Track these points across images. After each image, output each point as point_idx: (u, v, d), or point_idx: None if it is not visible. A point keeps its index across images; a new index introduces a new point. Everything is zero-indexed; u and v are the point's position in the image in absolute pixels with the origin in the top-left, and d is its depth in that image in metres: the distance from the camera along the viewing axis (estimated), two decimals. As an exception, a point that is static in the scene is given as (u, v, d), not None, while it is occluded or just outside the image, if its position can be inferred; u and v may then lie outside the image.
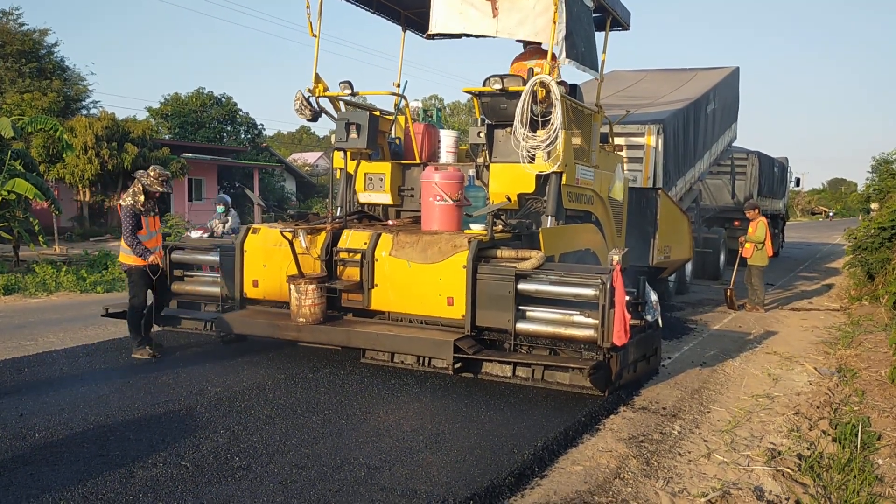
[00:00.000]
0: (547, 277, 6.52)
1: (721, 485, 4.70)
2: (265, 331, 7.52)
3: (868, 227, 13.53)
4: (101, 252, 17.00)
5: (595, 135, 9.14)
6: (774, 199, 23.12)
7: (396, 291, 7.16)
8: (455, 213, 7.74)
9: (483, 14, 8.21)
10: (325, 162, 59.55)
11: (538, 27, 7.92)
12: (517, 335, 6.65)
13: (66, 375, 6.67)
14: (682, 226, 12.37)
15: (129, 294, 7.56)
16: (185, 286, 8.53)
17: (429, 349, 6.76)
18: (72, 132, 24.48)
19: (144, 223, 7.43)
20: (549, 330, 6.53)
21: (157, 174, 7.44)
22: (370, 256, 7.24)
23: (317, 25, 8.70)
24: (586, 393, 6.43)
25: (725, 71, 16.77)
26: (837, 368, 8.07)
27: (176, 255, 8.49)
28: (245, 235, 7.93)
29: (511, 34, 8.24)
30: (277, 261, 7.69)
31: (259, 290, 7.85)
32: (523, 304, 6.62)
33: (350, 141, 8.44)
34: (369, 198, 9.02)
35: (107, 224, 27.28)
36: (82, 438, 4.98)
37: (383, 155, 9.20)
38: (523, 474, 4.63)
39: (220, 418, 5.45)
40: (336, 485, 4.30)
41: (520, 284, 6.55)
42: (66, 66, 33.61)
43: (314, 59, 8.87)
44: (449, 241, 7.01)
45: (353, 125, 8.41)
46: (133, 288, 7.53)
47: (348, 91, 8.61)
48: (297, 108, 8.72)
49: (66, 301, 11.96)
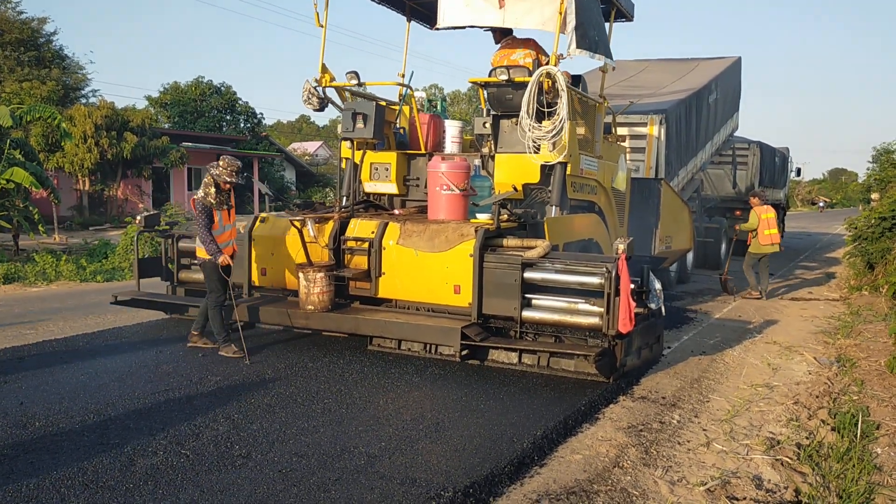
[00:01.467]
0: (553, 266, 6.61)
1: (720, 473, 4.71)
2: (274, 318, 7.63)
3: (868, 217, 13.51)
4: (101, 241, 16.99)
5: (599, 125, 9.20)
6: (775, 189, 23.07)
7: (403, 280, 7.24)
8: (461, 203, 7.81)
9: (490, 5, 8.22)
10: (325, 151, 59.51)
11: (546, 16, 7.92)
12: (523, 323, 6.73)
13: (67, 364, 6.68)
14: (683, 216, 12.42)
15: (207, 289, 7.25)
16: (192, 275, 8.61)
17: (436, 336, 6.85)
18: (71, 121, 24.43)
19: (217, 217, 7.08)
20: (555, 318, 6.62)
21: (227, 164, 7.04)
22: (378, 245, 7.33)
23: (323, 16, 8.76)
24: (591, 379, 6.49)
25: (727, 61, 16.75)
26: (837, 358, 8.07)
27: (183, 243, 8.59)
28: (253, 224, 8.04)
29: (518, 24, 8.26)
30: (285, 250, 7.81)
31: (267, 278, 7.98)
32: (529, 293, 6.71)
33: (356, 131, 8.46)
34: (375, 187, 9.05)
35: (106, 213, 27.27)
36: (82, 427, 4.99)
37: (389, 145, 9.23)
38: (523, 463, 4.64)
39: (220, 407, 5.46)
40: (336, 473, 4.30)
41: (526, 273, 6.63)
42: (65, 54, 33.52)
43: (321, 50, 8.90)
44: (456, 230, 7.09)
45: (360, 115, 8.42)
46: (209, 283, 7.19)
47: (355, 81, 8.68)
48: (304, 98, 8.80)
49: (66, 290, 11.97)
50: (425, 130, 9.15)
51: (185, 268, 8.70)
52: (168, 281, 8.83)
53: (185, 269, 8.70)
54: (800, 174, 32.23)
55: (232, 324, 7.71)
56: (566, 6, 7.57)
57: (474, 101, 66.35)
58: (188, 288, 8.79)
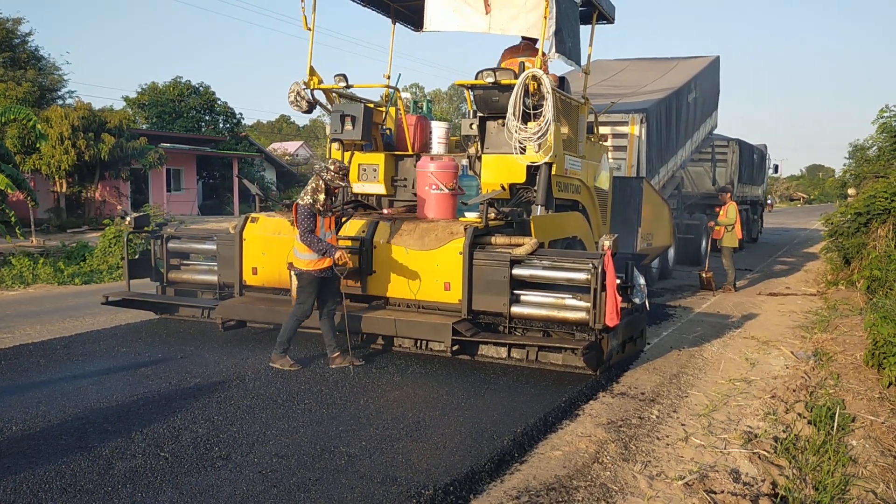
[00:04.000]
0: (541, 263, 6.80)
1: (698, 467, 4.75)
2: (266, 316, 7.79)
3: (845, 213, 13.68)
4: (79, 243, 16.79)
5: (582, 126, 9.39)
6: (754, 185, 23.32)
7: (394, 277, 7.36)
8: (450, 202, 7.97)
9: (476, 11, 8.39)
10: (306, 151, 59.24)
11: (530, 22, 8.14)
12: (512, 318, 6.90)
13: (44, 368, 6.61)
14: (663, 214, 12.65)
15: (297, 300, 6.83)
16: (181, 275, 8.75)
17: (428, 332, 6.99)
18: (47, 122, 24.13)
19: (319, 224, 6.68)
20: (543, 313, 6.81)
21: (338, 168, 6.74)
22: (369, 243, 7.45)
23: (311, 19, 8.87)
24: (578, 373, 6.65)
25: (706, 60, 16.96)
26: (814, 352, 8.17)
27: (172, 244, 8.69)
28: (244, 224, 8.15)
29: (503, 30, 8.43)
30: (276, 249, 7.91)
31: (258, 277, 8.10)
32: (518, 289, 6.90)
33: (345, 132, 8.62)
34: (363, 188, 9.18)
35: (84, 215, 26.98)
36: (60, 430, 4.94)
37: (376, 146, 9.34)
38: (503, 460, 4.66)
39: (200, 409, 5.43)
40: (316, 473, 4.30)
41: (514, 269, 6.82)
42: (41, 55, 33.03)
43: (309, 53, 9.00)
44: (445, 229, 7.22)
45: (348, 117, 8.58)
46: (301, 294, 6.77)
47: (343, 84, 8.85)
48: (292, 100, 8.94)
49: (44, 293, 11.84)
50: (412, 132, 9.32)
51: (174, 268, 8.79)
52: (157, 281, 8.89)
53: (175, 270, 8.80)
54: (777, 171, 32.60)
55: (224, 322, 7.91)
56: (549, 12, 7.76)
57: (455, 100, 66.43)
58: (178, 288, 8.87)
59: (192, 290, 8.90)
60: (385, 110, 9.60)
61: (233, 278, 8.16)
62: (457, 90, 67.24)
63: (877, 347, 7.06)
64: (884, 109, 13.21)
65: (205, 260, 8.84)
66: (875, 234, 12.39)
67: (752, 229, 23.85)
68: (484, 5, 8.33)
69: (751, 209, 23.16)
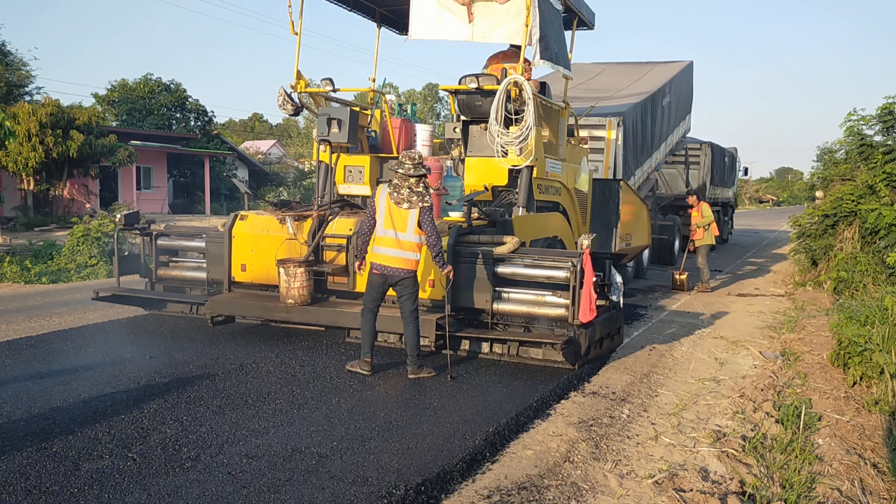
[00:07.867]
0: (522, 261, 7.04)
1: (668, 466, 4.79)
2: (255, 312, 7.94)
3: (812, 215, 13.90)
4: (47, 242, 16.52)
5: (563, 129, 9.61)
6: (725, 187, 23.64)
7: None
8: (434, 202, 7.95)
9: (459, 19, 8.52)
10: (278, 150, 58.89)
11: (512, 30, 8.31)
12: (494, 314, 7.10)
13: (9, 368, 6.49)
14: (641, 215, 12.90)
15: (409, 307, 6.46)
16: (170, 271, 8.87)
17: None
18: (14, 119, 23.67)
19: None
20: (524, 309, 7.04)
21: (407, 157, 6.43)
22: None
23: (298, 24, 8.97)
24: (554, 367, 6.84)
25: (680, 65, 17.25)
26: (781, 352, 8.28)
27: (162, 241, 8.81)
28: (233, 222, 8.25)
29: (486, 38, 8.57)
30: (264, 246, 8.06)
31: (247, 274, 8.20)
32: (500, 286, 7.12)
33: (331, 135, 8.76)
34: (349, 189, 9.30)
35: (52, 213, 26.55)
36: (25, 432, 4.85)
37: (362, 148, 9.49)
38: (475, 459, 4.67)
39: (169, 409, 5.37)
40: (286, 474, 4.27)
41: (497, 267, 7.06)
42: (8, 50, 32.45)
43: (296, 56, 9.14)
44: None
45: (335, 120, 8.72)
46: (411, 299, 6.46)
47: (329, 87, 9.10)
48: (279, 103, 9.08)
49: (10, 292, 11.63)
50: (397, 134, 9.45)
51: (163, 265, 8.89)
52: (147, 278, 8.96)
53: (164, 266, 8.89)
54: (747, 173, 33.03)
55: (214, 318, 8.05)
56: (531, 20, 7.90)
57: (429, 100, 66.47)
58: (166, 284, 8.93)
59: (180, 287, 8.95)
60: (370, 113, 9.75)
61: (222, 275, 8.25)
62: (431, 90, 67.33)
63: (842, 347, 7.18)
64: (851, 113, 13.43)
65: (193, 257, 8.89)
66: (842, 236, 12.61)
67: (723, 231, 24.17)
68: (467, 14, 8.51)
69: (721, 210, 23.47)
